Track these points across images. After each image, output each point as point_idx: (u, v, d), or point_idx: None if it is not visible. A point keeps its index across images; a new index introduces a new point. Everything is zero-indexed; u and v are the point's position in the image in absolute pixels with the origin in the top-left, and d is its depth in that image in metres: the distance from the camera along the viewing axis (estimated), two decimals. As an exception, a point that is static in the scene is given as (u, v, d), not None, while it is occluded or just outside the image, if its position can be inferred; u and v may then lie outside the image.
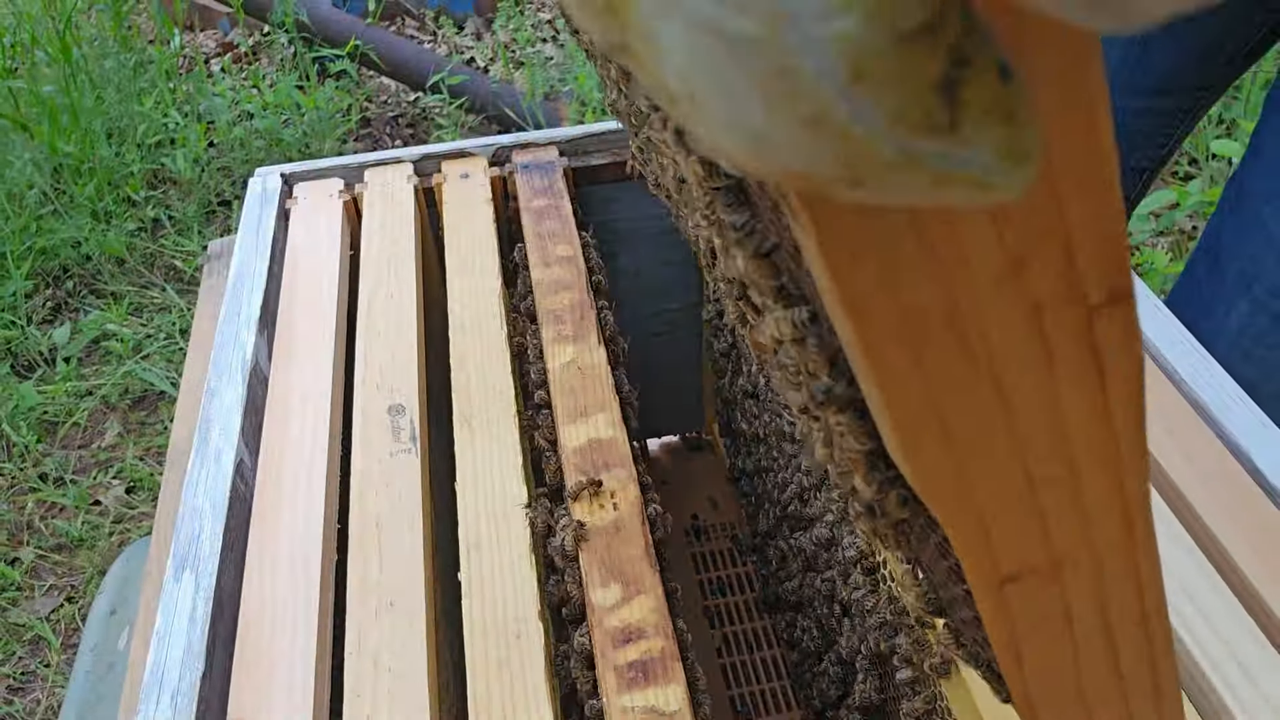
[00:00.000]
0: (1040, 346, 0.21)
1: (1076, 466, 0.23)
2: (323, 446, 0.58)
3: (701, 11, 0.12)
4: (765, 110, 0.13)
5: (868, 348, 0.20)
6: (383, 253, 0.71)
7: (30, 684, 1.38)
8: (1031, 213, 0.19)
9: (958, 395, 0.21)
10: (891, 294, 0.19)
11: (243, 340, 0.64)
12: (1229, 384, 0.57)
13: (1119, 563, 0.25)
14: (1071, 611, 0.26)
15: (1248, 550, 0.49)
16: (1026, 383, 0.21)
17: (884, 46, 0.12)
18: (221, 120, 2.24)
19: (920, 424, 0.21)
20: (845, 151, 0.13)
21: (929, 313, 0.20)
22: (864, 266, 0.19)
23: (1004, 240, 0.19)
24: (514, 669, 0.46)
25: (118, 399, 1.74)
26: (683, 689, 0.45)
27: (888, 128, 0.13)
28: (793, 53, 0.12)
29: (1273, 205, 0.85)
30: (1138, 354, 0.22)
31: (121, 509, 1.58)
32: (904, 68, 0.12)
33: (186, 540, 0.53)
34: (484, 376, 0.61)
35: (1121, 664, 0.27)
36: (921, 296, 0.19)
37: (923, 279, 0.19)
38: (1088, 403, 0.22)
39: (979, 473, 0.22)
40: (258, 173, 0.78)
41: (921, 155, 0.13)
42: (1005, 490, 0.23)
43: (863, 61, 0.12)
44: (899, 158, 0.13)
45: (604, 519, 0.53)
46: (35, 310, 1.92)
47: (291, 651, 0.48)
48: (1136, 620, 0.26)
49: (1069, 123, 0.18)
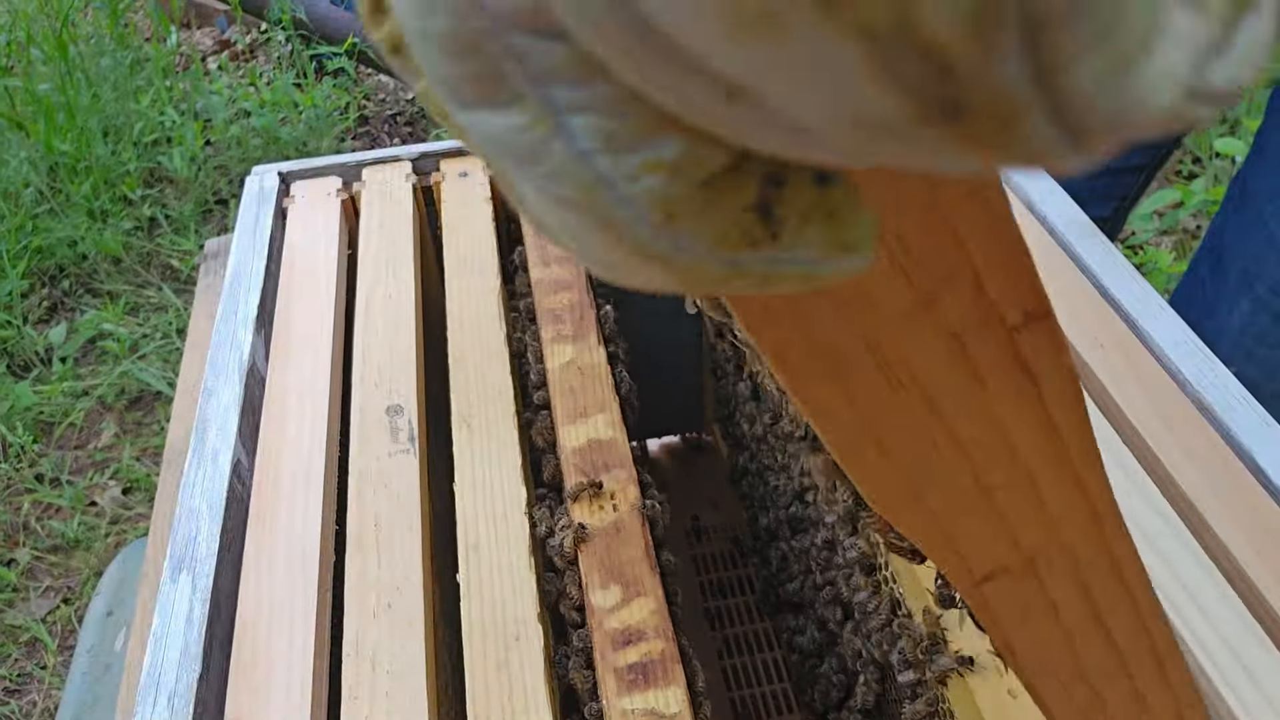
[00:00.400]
0: (966, 369, 0.22)
1: (1028, 472, 0.24)
2: (321, 447, 0.57)
3: (538, 179, 0.14)
4: (603, 249, 0.15)
5: (793, 386, 0.22)
6: (381, 252, 0.70)
7: (27, 686, 1.37)
8: (936, 257, 0.21)
9: (891, 418, 0.22)
10: (805, 337, 0.21)
11: (240, 340, 0.63)
12: (1233, 384, 0.57)
13: (1092, 552, 0.26)
14: (1055, 602, 0.26)
15: (1251, 552, 0.49)
16: (960, 402, 0.22)
17: (689, 193, 0.14)
18: (218, 119, 2.23)
19: (859, 446, 0.23)
20: (678, 274, 0.15)
21: (846, 350, 0.21)
22: (777, 320, 0.21)
23: (912, 282, 0.21)
24: (513, 671, 0.46)
25: (114, 399, 1.74)
26: (683, 691, 0.45)
27: (709, 251, 0.14)
28: (611, 208, 0.14)
29: (1275, 204, 0.85)
30: (1067, 365, 0.23)
31: (118, 510, 1.57)
32: (713, 204, 0.14)
33: (183, 541, 0.52)
34: (483, 376, 0.61)
35: (1117, 639, 0.28)
36: (834, 337, 0.21)
37: (832, 322, 0.21)
38: (1027, 413, 0.23)
39: (927, 485, 0.23)
40: (255, 171, 0.77)
41: (747, 264, 0.15)
42: (958, 499, 0.24)
43: (671, 207, 0.14)
44: (727, 271, 0.15)
45: (604, 520, 0.52)
46: (31, 310, 1.91)
47: (289, 653, 0.48)
48: (1121, 599, 0.27)
49: (954, 183, 0.20)
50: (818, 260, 0.15)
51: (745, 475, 0.84)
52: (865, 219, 0.15)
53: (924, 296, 0.21)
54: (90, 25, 2.55)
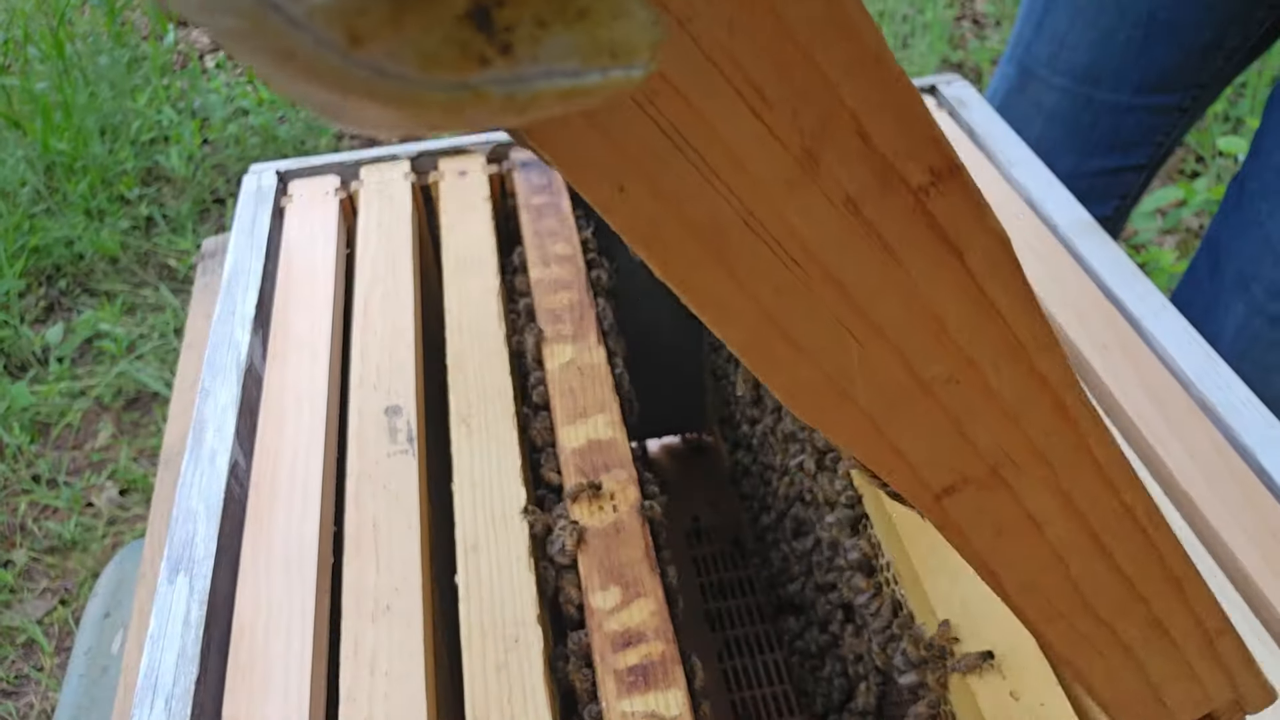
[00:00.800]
0: (870, 239, 0.19)
1: (971, 359, 0.21)
2: (319, 447, 0.57)
3: (209, 21, 0.12)
4: (296, 85, 0.12)
5: (673, 275, 0.19)
6: (379, 251, 0.70)
7: (24, 688, 1.37)
8: (804, 104, 0.18)
9: (793, 304, 0.19)
10: (676, 215, 0.18)
11: (237, 340, 0.63)
12: (1237, 384, 0.57)
13: (1065, 452, 0.22)
14: (1035, 515, 0.23)
15: (1256, 554, 0.49)
16: (869, 279, 0.19)
17: (374, 7, 0.11)
18: (216, 117, 2.22)
19: (761, 340, 0.20)
20: (398, 107, 0.12)
21: (725, 226, 0.18)
22: (635, 192, 0.17)
23: (780, 139, 0.18)
24: (512, 673, 0.46)
25: (111, 399, 1.73)
26: (683, 693, 0.44)
27: (423, 76, 0.12)
28: (285, 35, 0.11)
29: (1270, 204, 0.84)
30: (992, 226, 0.20)
31: (115, 511, 1.56)
32: (409, 16, 0.11)
33: (181, 543, 0.52)
34: (482, 376, 0.60)
35: (1118, 559, 0.24)
36: (708, 212, 0.18)
37: (702, 195, 0.18)
38: (954, 287, 0.20)
39: (853, 381, 0.20)
40: (252, 169, 0.77)
41: (482, 86, 0.12)
42: (894, 396, 0.21)
43: (353, 26, 0.11)
44: (457, 97, 0.12)
45: (603, 521, 0.52)
46: (28, 309, 1.90)
47: (287, 655, 0.47)
48: (1117, 513, 0.24)
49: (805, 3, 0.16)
50: (577, 72, 0.12)
51: (746, 475, 0.84)
52: (639, 16, 0.12)
53: (800, 155, 0.18)
54: (87, 23, 2.54)
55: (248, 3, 0.11)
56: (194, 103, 2.29)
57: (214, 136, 2.22)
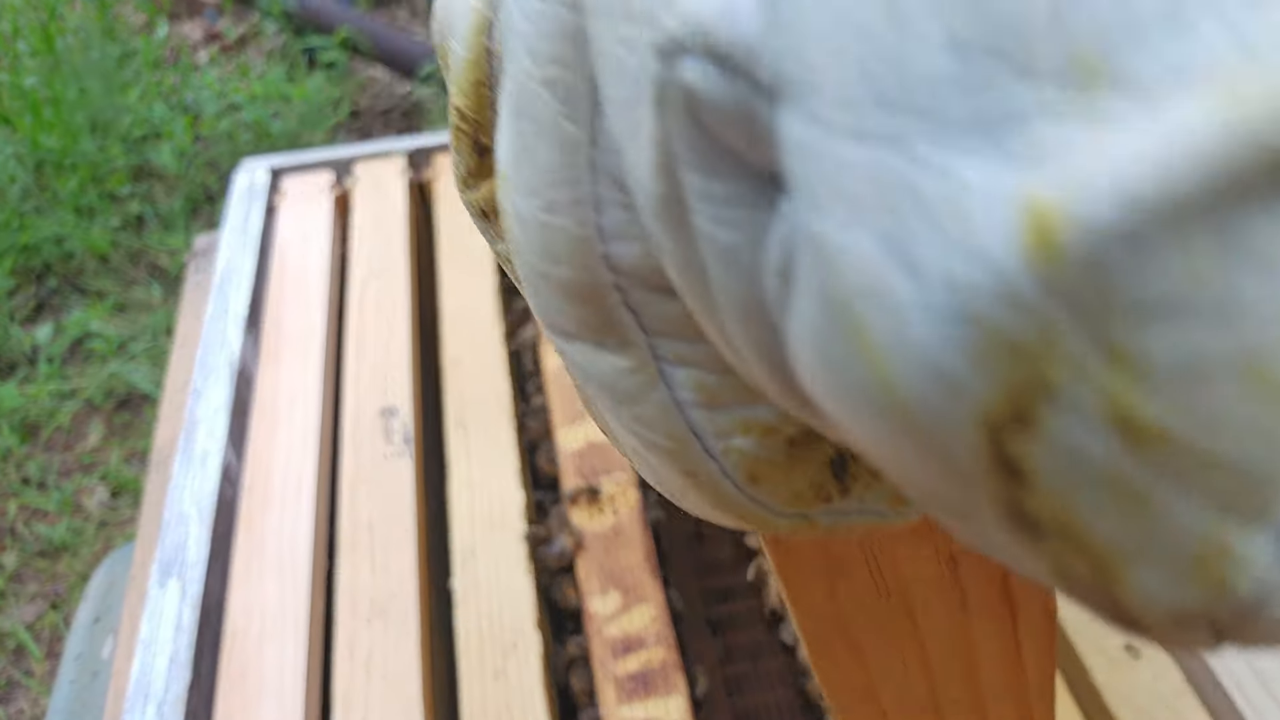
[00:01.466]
0: (954, 590, 0.23)
1: (982, 696, 0.25)
2: (312, 449, 0.56)
3: (629, 418, 0.15)
4: (677, 489, 0.15)
5: (784, 574, 0.22)
6: (374, 249, 0.69)
7: (13, 693, 1.35)
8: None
9: (869, 622, 0.23)
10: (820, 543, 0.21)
11: (229, 339, 0.62)
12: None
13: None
14: None
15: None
16: (938, 619, 0.23)
17: (776, 456, 0.14)
18: (208, 112, 2.21)
19: (829, 640, 0.23)
20: (747, 522, 0.15)
21: (846, 553, 0.21)
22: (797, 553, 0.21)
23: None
24: (510, 680, 0.45)
25: (102, 400, 1.72)
26: (684, 699, 0.44)
27: (783, 507, 0.15)
28: (698, 460, 0.14)
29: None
30: (1049, 600, 0.24)
31: (105, 513, 1.55)
32: (796, 464, 0.14)
33: (172, 546, 0.51)
34: (479, 377, 0.60)
35: None
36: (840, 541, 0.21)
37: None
38: (997, 639, 0.24)
39: (884, 687, 0.24)
40: (244, 165, 0.76)
41: (816, 517, 0.15)
42: (909, 705, 0.25)
43: (758, 469, 0.14)
44: (796, 524, 0.15)
45: (603, 524, 0.51)
46: (17, 309, 1.89)
47: (280, 660, 0.47)
48: None
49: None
50: (884, 512, 0.15)
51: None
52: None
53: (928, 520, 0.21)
54: (78, 17, 2.52)
55: (680, 429, 0.14)
56: (186, 98, 2.27)
57: (206, 132, 2.21)
